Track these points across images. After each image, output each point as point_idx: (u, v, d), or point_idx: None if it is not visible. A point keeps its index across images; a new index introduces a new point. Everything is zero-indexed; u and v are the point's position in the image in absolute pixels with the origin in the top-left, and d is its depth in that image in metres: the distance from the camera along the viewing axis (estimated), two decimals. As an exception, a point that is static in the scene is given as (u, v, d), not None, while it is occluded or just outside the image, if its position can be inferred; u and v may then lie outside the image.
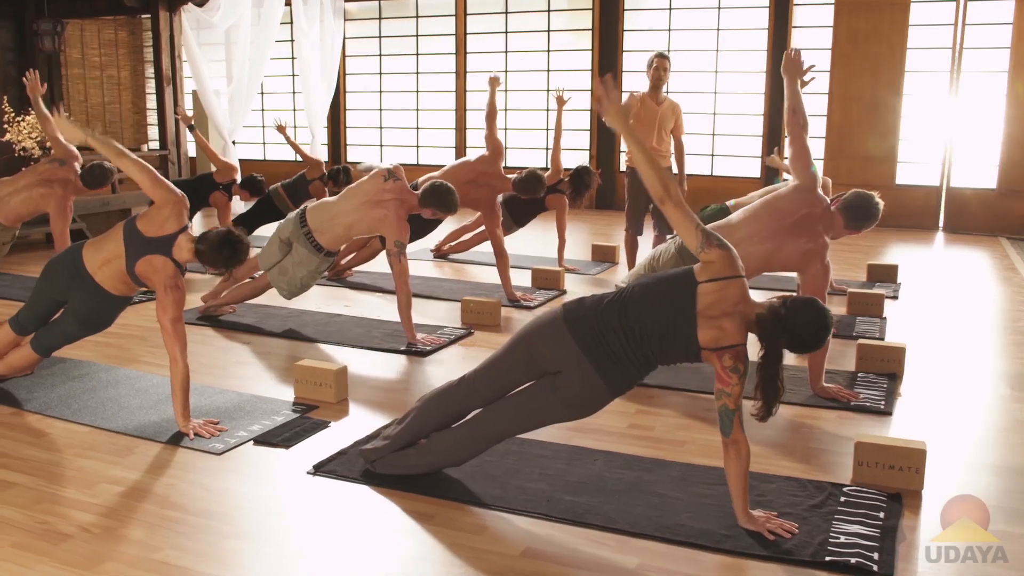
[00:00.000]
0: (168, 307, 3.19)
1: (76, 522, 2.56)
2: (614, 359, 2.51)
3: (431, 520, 2.58)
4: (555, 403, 2.59)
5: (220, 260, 3.20)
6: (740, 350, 2.45)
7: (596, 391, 2.54)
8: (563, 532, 2.52)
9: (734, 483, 2.52)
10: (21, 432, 3.24)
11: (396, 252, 4.34)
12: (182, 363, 3.20)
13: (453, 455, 2.78)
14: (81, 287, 3.40)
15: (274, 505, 2.69)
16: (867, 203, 3.68)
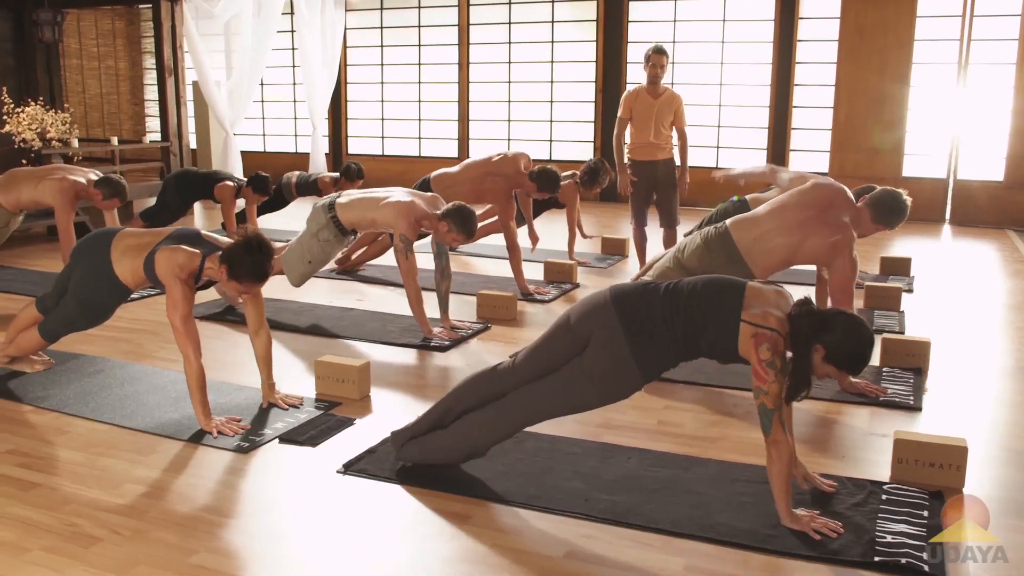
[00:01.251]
0: (178, 303, 3.11)
1: (105, 524, 2.49)
2: (651, 340, 2.48)
3: (469, 520, 2.53)
4: (582, 381, 2.53)
5: (251, 265, 3.06)
6: (777, 340, 2.40)
7: (625, 368, 2.49)
8: (604, 532, 2.47)
9: (777, 483, 2.47)
10: (40, 430, 3.17)
11: (402, 248, 4.26)
12: (195, 363, 3.12)
13: (478, 438, 2.71)
14: (92, 258, 3.36)
15: (307, 506, 2.63)
16: (897, 199, 3.65)
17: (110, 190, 5.12)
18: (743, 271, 3.57)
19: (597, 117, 9.94)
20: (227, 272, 3.08)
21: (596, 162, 6.31)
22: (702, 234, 3.78)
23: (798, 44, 9.06)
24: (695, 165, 9.62)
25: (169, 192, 6.54)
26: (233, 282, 3.09)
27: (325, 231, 4.46)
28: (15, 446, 3.02)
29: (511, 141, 10.43)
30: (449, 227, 4.20)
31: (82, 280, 3.43)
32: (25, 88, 8.69)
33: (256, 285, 3.15)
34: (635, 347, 2.47)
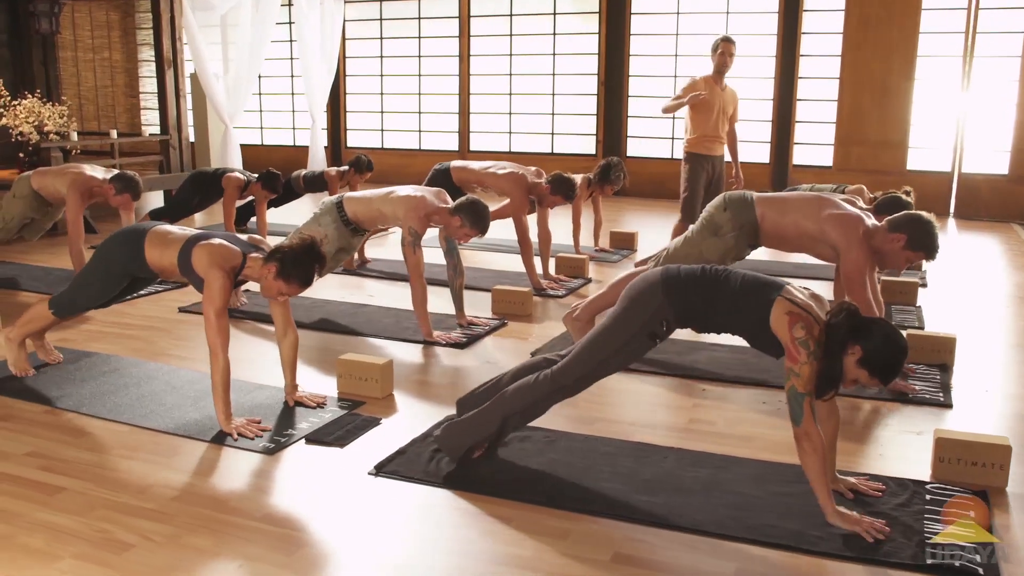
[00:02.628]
0: (215, 296, 3.03)
1: (136, 529, 2.42)
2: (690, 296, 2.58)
3: (511, 523, 2.47)
4: (614, 308, 2.64)
5: (305, 269, 3.00)
6: (812, 323, 2.38)
7: (651, 285, 2.59)
8: (650, 535, 2.42)
9: (815, 479, 2.42)
10: (58, 432, 3.09)
11: (410, 242, 4.16)
12: (222, 358, 3.04)
13: (521, 399, 2.69)
14: (123, 245, 3.31)
15: (342, 509, 2.57)
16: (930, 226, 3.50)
17: (123, 185, 5.02)
18: (752, 228, 3.75)
19: (599, 110, 9.88)
20: (276, 271, 3.00)
21: (612, 162, 6.26)
22: (724, 196, 3.91)
23: (802, 37, 9.01)
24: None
25: (186, 191, 6.46)
26: (280, 281, 3.02)
27: (326, 217, 4.38)
28: (34, 448, 2.94)
29: (512, 134, 10.37)
30: (462, 222, 4.10)
31: (106, 252, 3.37)
32: (21, 80, 8.56)
33: (301, 289, 3.08)
34: (665, 280, 2.58)
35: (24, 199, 5.18)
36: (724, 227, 3.79)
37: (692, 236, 3.90)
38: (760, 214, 3.75)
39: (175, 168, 8.46)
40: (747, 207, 3.78)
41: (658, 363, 3.87)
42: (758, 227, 3.77)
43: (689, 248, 3.86)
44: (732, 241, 3.78)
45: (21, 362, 3.59)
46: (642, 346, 2.64)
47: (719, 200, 3.87)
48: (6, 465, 2.80)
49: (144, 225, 3.35)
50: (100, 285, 3.43)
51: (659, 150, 9.78)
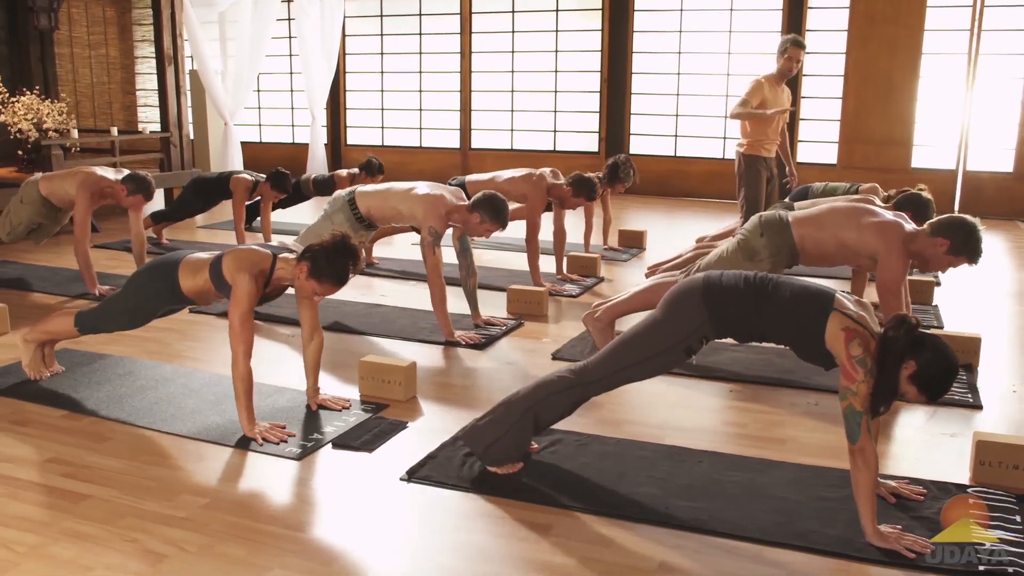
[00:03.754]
0: (241, 300, 2.96)
1: (168, 539, 2.36)
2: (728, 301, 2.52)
3: (550, 531, 2.42)
4: (651, 314, 2.58)
5: (339, 267, 2.92)
6: (868, 339, 2.33)
7: (692, 295, 2.52)
8: (693, 541, 2.37)
9: (862, 496, 2.35)
10: (79, 437, 3.02)
11: (430, 242, 4.09)
12: (243, 365, 2.97)
13: (540, 391, 2.63)
14: (157, 279, 3.22)
15: (376, 516, 2.51)
16: (974, 230, 3.48)
17: (135, 185, 4.92)
18: (790, 252, 3.69)
19: (602, 108, 9.82)
20: (308, 270, 2.93)
21: (621, 160, 6.20)
22: (739, 240, 3.80)
23: (807, 34, 8.97)
24: (703, 156, 9.60)
25: (187, 197, 6.37)
26: (312, 281, 2.94)
27: (339, 215, 4.32)
28: (56, 454, 2.87)
29: (514, 132, 10.30)
30: (481, 218, 4.04)
31: (140, 284, 3.27)
32: (19, 77, 8.44)
33: (335, 288, 2.99)
34: (707, 291, 2.50)
35: (32, 204, 5.09)
36: (760, 252, 3.70)
37: (728, 256, 3.79)
38: (798, 236, 3.67)
39: (175, 166, 8.37)
40: (784, 231, 3.69)
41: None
42: (796, 250, 3.70)
43: (722, 266, 3.74)
44: (768, 266, 3.68)
45: (36, 364, 3.52)
46: (676, 359, 2.58)
47: (755, 224, 3.76)
48: (28, 472, 2.73)
49: (175, 256, 3.24)
50: (131, 316, 3.34)
51: (663, 148, 9.74)
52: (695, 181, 9.58)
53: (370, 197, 4.32)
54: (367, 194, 4.33)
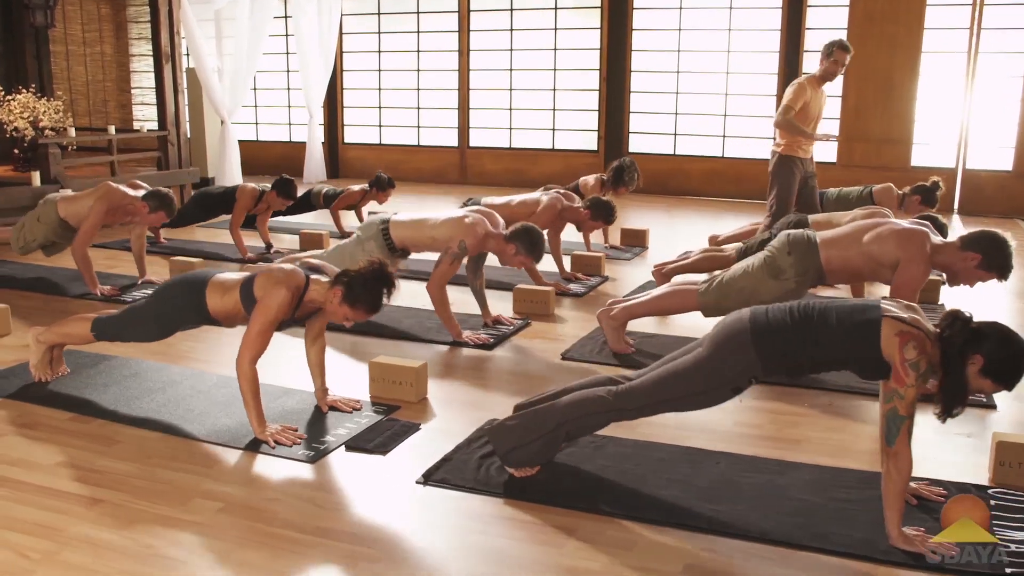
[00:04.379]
0: (270, 309, 2.89)
1: (182, 544, 2.32)
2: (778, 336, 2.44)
3: (573, 534, 2.39)
4: (699, 352, 2.50)
5: (374, 295, 2.85)
6: (924, 341, 2.28)
7: (740, 335, 2.43)
8: (717, 544, 2.35)
9: (892, 501, 2.33)
10: (88, 440, 2.98)
11: (455, 254, 4.04)
12: (248, 369, 2.92)
13: (577, 409, 2.58)
14: (183, 295, 3.15)
15: (394, 520, 2.47)
16: (1005, 246, 3.44)
17: (157, 203, 4.83)
18: (817, 273, 3.65)
19: (601, 106, 9.79)
20: (342, 295, 2.85)
21: (625, 163, 6.17)
22: (766, 256, 3.75)
23: (806, 32, 8.97)
24: (699, 154, 9.58)
25: (190, 210, 6.31)
26: (345, 306, 2.86)
27: (371, 243, 4.27)
28: (66, 458, 2.82)
29: (513, 130, 10.26)
30: (517, 249, 4.01)
31: (165, 300, 3.20)
32: (14, 75, 8.36)
33: (368, 316, 2.92)
34: (756, 332, 2.43)
35: (49, 225, 5.01)
36: (786, 271, 3.64)
37: (752, 271, 3.72)
38: (826, 258, 3.62)
39: (173, 165, 8.30)
40: (811, 252, 3.63)
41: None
42: (823, 271, 3.66)
43: (746, 282, 3.70)
44: (793, 285, 3.65)
45: (44, 365, 3.47)
46: (721, 398, 2.52)
47: (783, 242, 3.70)
48: (39, 476, 2.69)
49: (204, 274, 3.17)
50: (152, 329, 3.26)
51: (661, 146, 9.72)
52: (695, 180, 9.57)
53: (404, 228, 4.25)
54: (402, 224, 4.27)
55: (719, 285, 3.75)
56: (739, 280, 3.71)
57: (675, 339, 4.15)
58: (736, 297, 3.68)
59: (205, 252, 6.01)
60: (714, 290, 3.74)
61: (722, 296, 3.71)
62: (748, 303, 3.69)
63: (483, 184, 10.30)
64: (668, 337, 4.20)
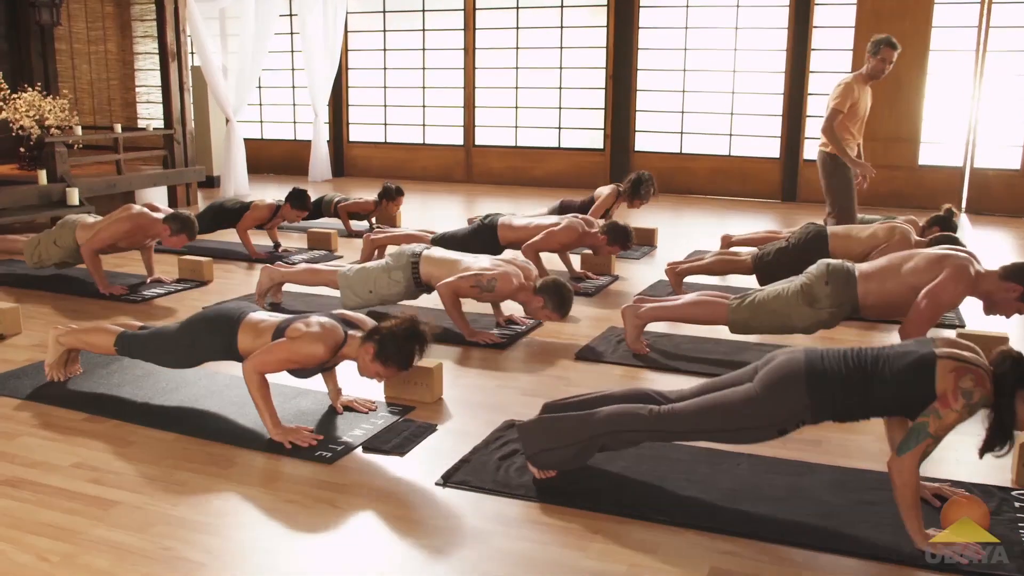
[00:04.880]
0: (300, 357, 2.86)
1: (202, 547, 2.30)
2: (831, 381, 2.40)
3: (595, 537, 2.37)
4: (749, 388, 2.45)
5: (406, 353, 2.81)
6: (982, 376, 2.25)
7: (794, 379, 2.38)
8: (740, 546, 2.32)
9: (904, 509, 2.31)
10: (103, 441, 2.95)
11: (480, 284, 4.02)
12: (254, 378, 2.90)
13: (615, 424, 2.52)
14: (216, 332, 3.10)
15: (416, 523, 2.45)
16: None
17: (179, 226, 4.80)
18: (852, 306, 3.63)
19: (607, 104, 9.76)
20: (374, 352, 2.81)
21: (642, 175, 6.13)
22: (801, 281, 3.71)
23: (814, 31, 8.94)
24: (705, 153, 9.55)
25: (205, 219, 6.27)
26: (378, 364, 2.83)
27: (399, 272, 4.24)
28: (81, 459, 2.80)
29: (518, 128, 10.24)
30: (544, 303, 3.97)
31: (196, 333, 3.15)
32: (19, 73, 8.33)
33: (400, 373, 2.89)
34: (811, 377, 2.38)
35: (65, 249, 4.98)
36: (822, 301, 3.61)
37: (786, 296, 3.67)
38: (863, 292, 3.59)
39: (179, 163, 8.28)
40: (849, 284, 3.60)
41: (709, 362, 3.78)
42: (858, 304, 3.63)
43: (779, 306, 3.66)
44: (826, 316, 3.62)
45: (59, 365, 3.45)
46: (765, 437, 2.47)
47: (822, 271, 3.65)
48: (55, 478, 2.66)
49: (237, 311, 3.12)
50: (176, 358, 3.22)
51: (667, 145, 9.69)
52: (700, 178, 9.54)
53: (436, 265, 4.21)
54: (434, 261, 4.23)
55: (751, 304, 3.72)
56: (772, 302, 3.68)
57: (689, 339, 4.13)
58: (767, 319, 3.67)
59: (214, 251, 5.99)
60: (746, 308, 3.72)
61: (753, 316, 3.69)
62: (778, 327, 3.69)
63: (488, 183, 10.28)
64: (682, 337, 4.18)
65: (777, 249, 4.81)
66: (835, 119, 5.38)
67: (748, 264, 4.87)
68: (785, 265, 4.77)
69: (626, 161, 9.72)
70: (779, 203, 9.08)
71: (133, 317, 4.47)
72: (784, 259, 4.75)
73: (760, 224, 7.73)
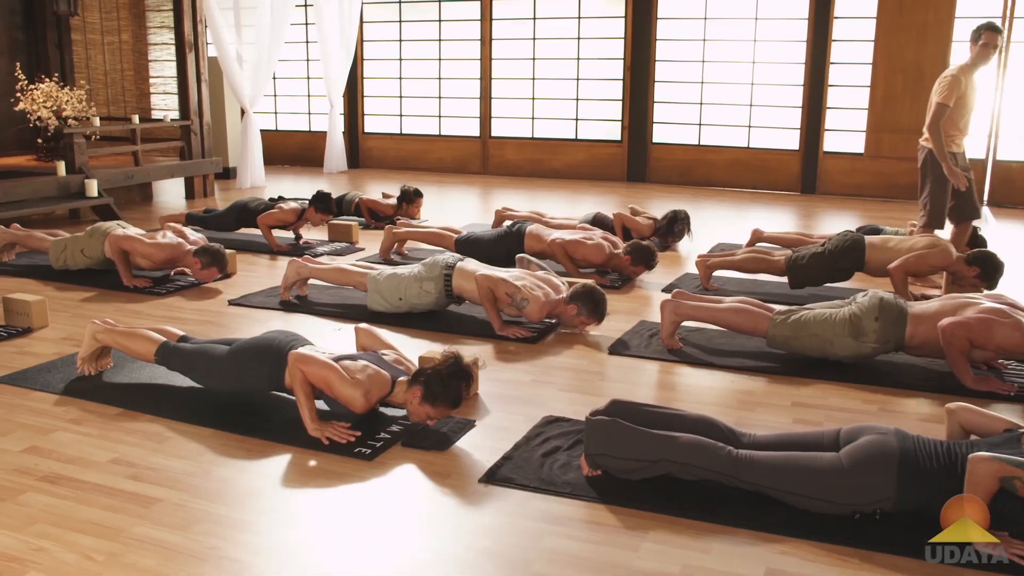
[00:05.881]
0: (340, 394, 2.85)
1: (246, 546, 2.26)
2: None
3: (646, 536, 2.32)
4: (835, 459, 2.40)
5: (453, 392, 2.79)
6: None
7: (886, 467, 2.34)
8: (794, 547, 2.28)
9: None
10: (138, 436, 2.92)
11: (512, 300, 4.01)
12: (299, 376, 2.89)
13: (688, 456, 2.46)
14: (268, 365, 3.05)
15: (460, 521, 2.41)
16: None
17: (210, 259, 4.77)
18: (897, 344, 3.60)
19: (625, 96, 9.69)
20: (421, 396, 2.79)
21: (678, 214, 6.04)
22: (851, 310, 3.64)
23: (834, 21, 8.85)
24: (724, 145, 9.48)
25: (229, 218, 6.23)
26: (427, 406, 2.80)
27: (431, 284, 4.20)
28: (118, 455, 2.77)
29: (535, 120, 10.18)
30: (579, 310, 3.98)
31: (246, 363, 3.09)
32: (36, 64, 8.31)
33: (450, 412, 2.86)
34: (903, 468, 2.35)
35: (92, 259, 4.97)
36: (868, 336, 3.54)
37: (832, 322, 3.59)
38: (911, 333, 3.54)
39: (196, 154, 8.24)
40: (899, 323, 3.53)
41: (743, 356, 3.74)
42: (903, 344, 3.58)
43: (822, 331, 3.59)
44: (869, 351, 3.57)
45: (92, 359, 3.42)
46: (838, 512, 2.39)
47: (873, 304, 3.57)
48: (94, 474, 2.63)
49: (285, 344, 3.07)
50: (217, 379, 3.17)
51: (685, 136, 9.61)
52: (719, 170, 9.47)
53: (466, 280, 4.17)
54: (466, 275, 4.18)
55: (795, 323, 3.65)
56: (816, 326, 3.62)
57: (721, 334, 4.08)
58: (807, 342, 3.63)
59: (236, 243, 5.96)
60: (789, 325, 3.66)
61: (794, 336, 3.64)
62: (817, 351, 3.64)
63: (505, 174, 10.23)
64: (714, 332, 4.13)
65: (812, 254, 4.74)
66: (941, 115, 5.00)
67: (781, 265, 4.81)
68: (819, 270, 4.72)
69: (644, 153, 9.66)
70: (798, 195, 9.00)
71: (161, 310, 4.44)
72: (818, 264, 4.69)
73: (781, 217, 7.67)
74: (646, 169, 9.70)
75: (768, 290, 4.94)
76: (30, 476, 2.60)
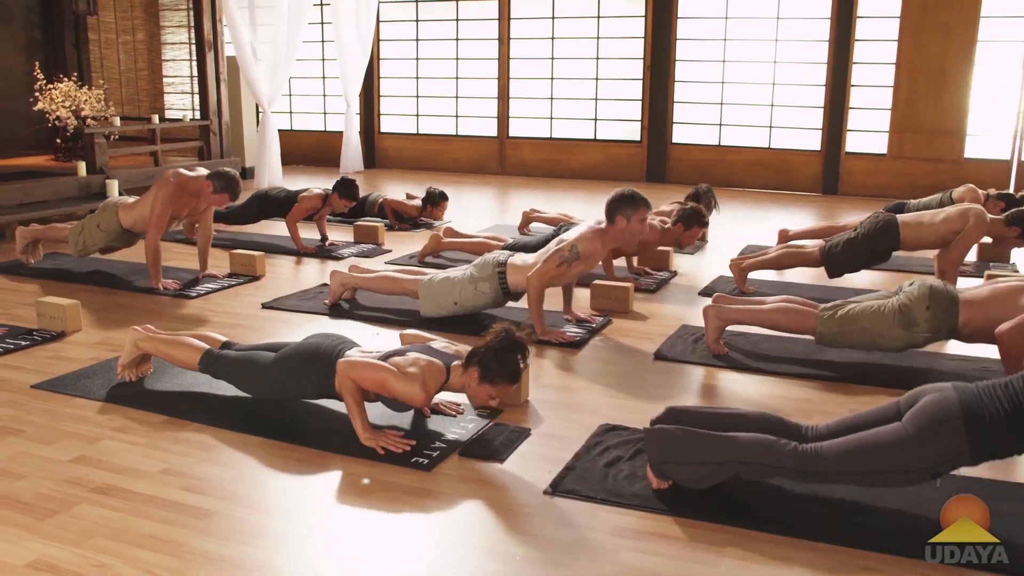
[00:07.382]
0: (394, 389, 2.76)
1: (306, 562, 2.18)
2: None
3: (725, 550, 2.25)
4: (899, 428, 2.30)
5: (510, 366, 2.71)
6: None
7: (950, 422, 2.23)
8: (877, 561, 2.20)
9: None
10: (185, 445, 2.85)
11: (566, 258, 3.91)
12: (349, 384, 2.81)
13: (753, 455, 2.38)
14: (318, 373, 2.96)
15: (528, 534, 2.33)
16: None
17: (222, 183, 4.65)
18: (949, 332, 3.51)
19: (645, 96, 9.61)
20: (479, 376, 2.72)
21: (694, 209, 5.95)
22: (900, 300, 3.53)
23: (857, 20, 8.76)
24: (747, 145, 9.39)
25: (251, 209, 6.15)
26: (486, 385, 2.73)
27: (486, 284, 4.11)
28: (167, 464, 2.69)
29: (554, 120, 10.10)
30: (628, 218, 3.91)
31: (295, 368, 2.99)
32: (53, 63, 8.24)
33: (511, 387, 2.78)
34: (968, 420, 2.24)
35: (109, 233, 4.89)
36: (919, 325, 3.45)
37: (881, 314, 3.50)
38: (964, 319, 3.43)
39: (215, 154, 8.18)
40: (951, 311, 3.43)
41: (790, 362, 3.66)
42: (956, 330, 3.48)
43: (871, 324, 3.50)
44: (921, 340, 3.48)
45: (133, 366, 3.34)
46: (918, 480, 2.32)
47: (923, 293, 3.46)
48: (146, 485, 2.56)
49: (333, 349, 2.98)
50: (262, 387, 3.07)
51: (705, 137, 9.54)
52: (739, 170, 9.39)
53: (523, 273, 4.07)
54: (519, 268, 4.09)
55: (843, 318, 3.56)
56: (865, 319, 3.53)
57: (766, 338, 4.01)
58: (857, 336, 3.54)
59: (262, 244, 5.88)
60: (837, 321, 3.57)
61: (842, 331, 3.56)
62: (867, 344, 3.55)
63: (522, 174, 10.15)
64: (759, 336, 4.05)
65: (846, 240, 4.68)
66: None
67: (816, 256, 4.75)
68: (855, 256, 4.65)
69: (664, 153, 9.58)
70: (819, 196, 8.92)
71: (193, 311, 4.37)
72: (853, 249, 4.64)
73: (803, 217, 7.59)
74: (666, 169, 9.62)
75: (803, 293, 4.86)
76: (82, 487, 2.53)
